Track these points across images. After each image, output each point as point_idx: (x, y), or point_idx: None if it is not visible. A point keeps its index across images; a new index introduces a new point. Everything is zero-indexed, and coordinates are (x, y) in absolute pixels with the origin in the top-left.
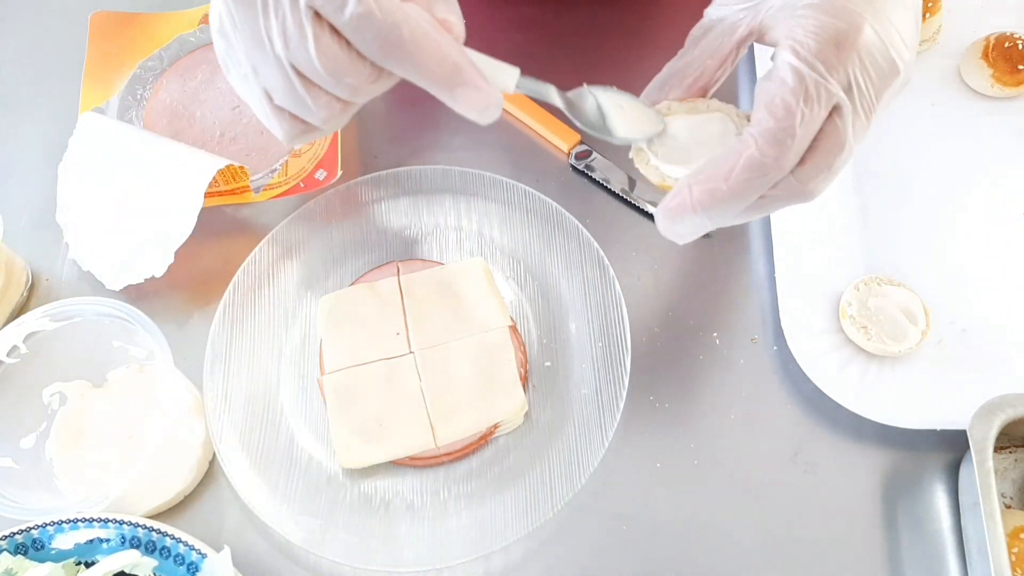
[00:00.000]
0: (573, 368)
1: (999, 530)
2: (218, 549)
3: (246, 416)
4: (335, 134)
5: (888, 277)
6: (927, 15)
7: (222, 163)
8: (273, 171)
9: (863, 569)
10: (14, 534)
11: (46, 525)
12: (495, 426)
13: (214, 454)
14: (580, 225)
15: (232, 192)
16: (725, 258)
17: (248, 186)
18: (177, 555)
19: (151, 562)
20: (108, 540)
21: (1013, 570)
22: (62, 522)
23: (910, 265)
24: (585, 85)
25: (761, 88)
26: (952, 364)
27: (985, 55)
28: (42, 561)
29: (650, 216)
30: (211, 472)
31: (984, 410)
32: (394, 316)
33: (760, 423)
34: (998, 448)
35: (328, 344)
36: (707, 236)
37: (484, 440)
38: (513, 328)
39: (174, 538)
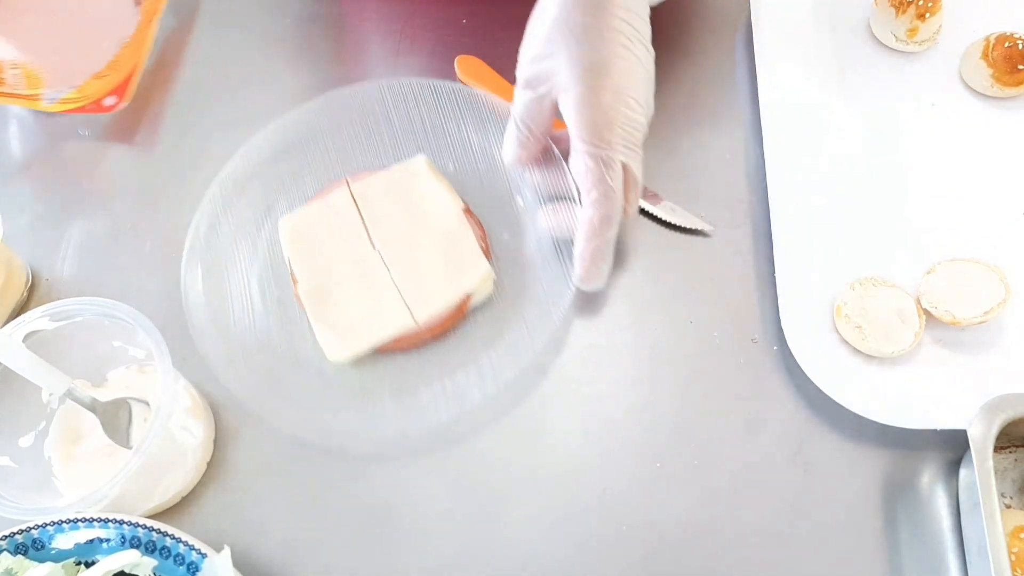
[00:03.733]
0: (528, 234)
1: (999, 530)
2: (218, 549)
3: (230, 340)
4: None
5: (883, 278)
6: (927, 15)
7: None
8: (73, 87)
9: (863, 569)
10: (14, 534)
11: (46, 525)
12: (468, 298)
13: (213, 454)
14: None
15: (17, 96)
16: (725, 258)
17: (40, 94)
18: (177, 555)
19: (151, 562)
20: (108, 540)
21: (1013, 570)
22: (62, 522)
23: (910, 265)
24: None
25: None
26: (952, 364)
27: (985, 55)
28: (42, 561)
29: (650, 216)
30: (211, 472)
31: (984, 410)
32: (353, 222)
33: (760, 423)
34: (998, 448)
35: (296, 260)
36: (706, 235)
37: (461, 313)
38: (467, 210)
39: (174, 538)
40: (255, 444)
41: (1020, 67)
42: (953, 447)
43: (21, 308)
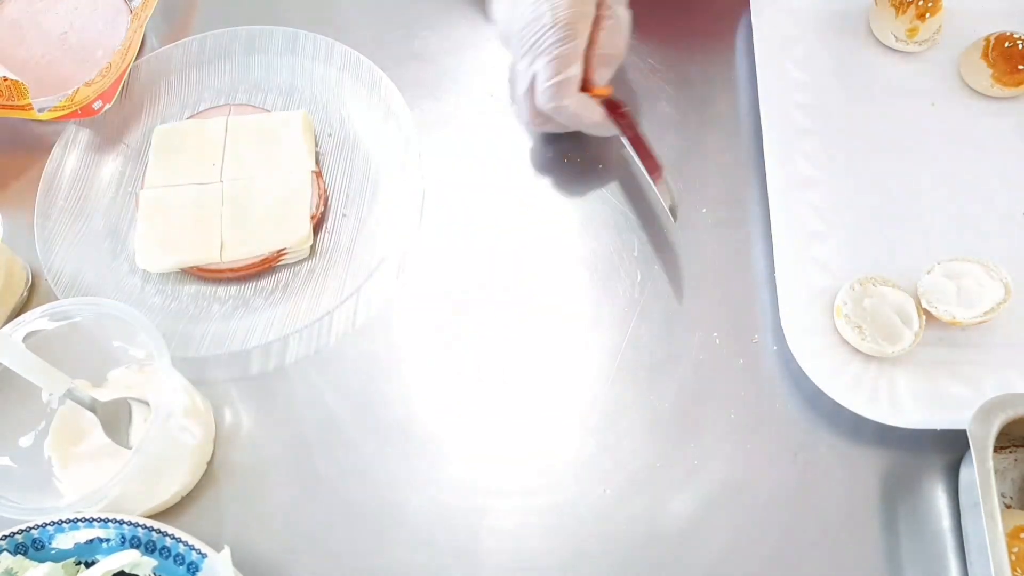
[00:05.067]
0: (366, 219)
1: (999, 530)
2: (218, 549)
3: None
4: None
5: (883, 277)
6: (927, 15)
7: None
8: (64, 96)
9: (863, 569)
10: (14, 534)
11: (46, 525)
12: (281, 253)
13: (213, 454)
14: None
15: (12, 107)
16: (725, 258)
17: (30, 104)
18: (177, 555)
19: (151, 562)
20: (108, 540)
21: (1013, 570)
22: (62, 522)
23: (910, 265)
24: None
25: None
26: (952, 364)
27: (985, 55)
28: (42, 561)
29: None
30: (211, 472)
31: (984, 410)
32: (215, 149)
33: (760, 423)
34: (998, 448)
35: (152, 165)
36: (672, 218)
37: (268, 263)
38: (318, 174)
39: (174, 538)
40: (255, 444)
41: (1020, 67)
42: (953, 447)
43: (21, 308)
